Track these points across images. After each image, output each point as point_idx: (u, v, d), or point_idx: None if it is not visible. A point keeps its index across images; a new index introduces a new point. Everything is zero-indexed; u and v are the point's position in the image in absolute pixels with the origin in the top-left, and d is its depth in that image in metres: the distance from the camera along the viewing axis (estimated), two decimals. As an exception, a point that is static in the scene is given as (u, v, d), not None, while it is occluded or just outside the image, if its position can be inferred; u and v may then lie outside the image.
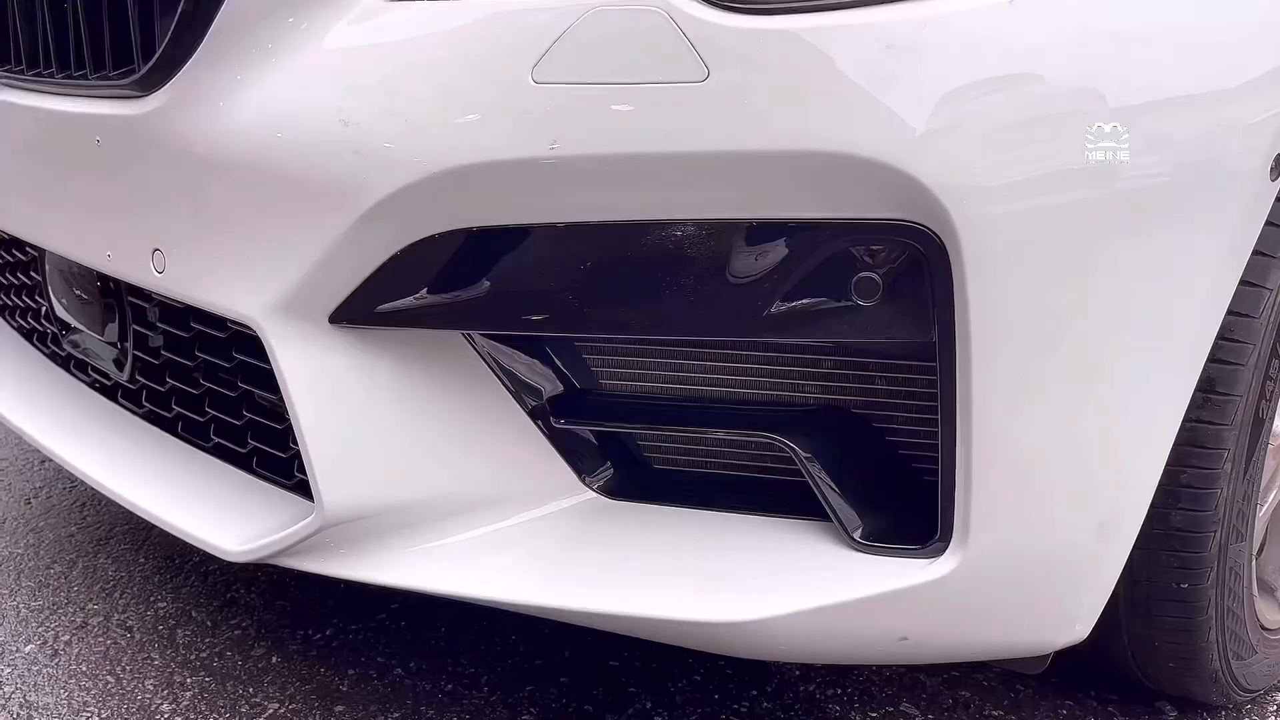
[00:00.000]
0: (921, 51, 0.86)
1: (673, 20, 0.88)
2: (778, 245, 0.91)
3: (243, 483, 1.28)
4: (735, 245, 0.92)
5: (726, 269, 0.92)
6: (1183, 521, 1.09)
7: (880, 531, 1.01)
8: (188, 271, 1.10)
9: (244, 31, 1.01)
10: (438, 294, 1.00)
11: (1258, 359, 1.06)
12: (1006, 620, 1.04)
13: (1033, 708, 1.37)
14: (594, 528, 1.10)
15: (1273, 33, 0.95)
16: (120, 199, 1.15)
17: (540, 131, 0.91)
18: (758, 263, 0.92)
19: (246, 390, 1.24)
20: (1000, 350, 0.90)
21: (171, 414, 1.36)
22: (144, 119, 1.09)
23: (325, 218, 0.99)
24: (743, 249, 0.92)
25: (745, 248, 0.92)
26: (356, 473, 1.06)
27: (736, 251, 0.92)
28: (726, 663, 1.42)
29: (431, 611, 1.51)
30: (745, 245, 0.92)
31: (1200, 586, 1.13)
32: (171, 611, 1.53)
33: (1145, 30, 0.89)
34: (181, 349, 1.29)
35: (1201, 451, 1.06)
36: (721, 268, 0.93)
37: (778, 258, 0.92)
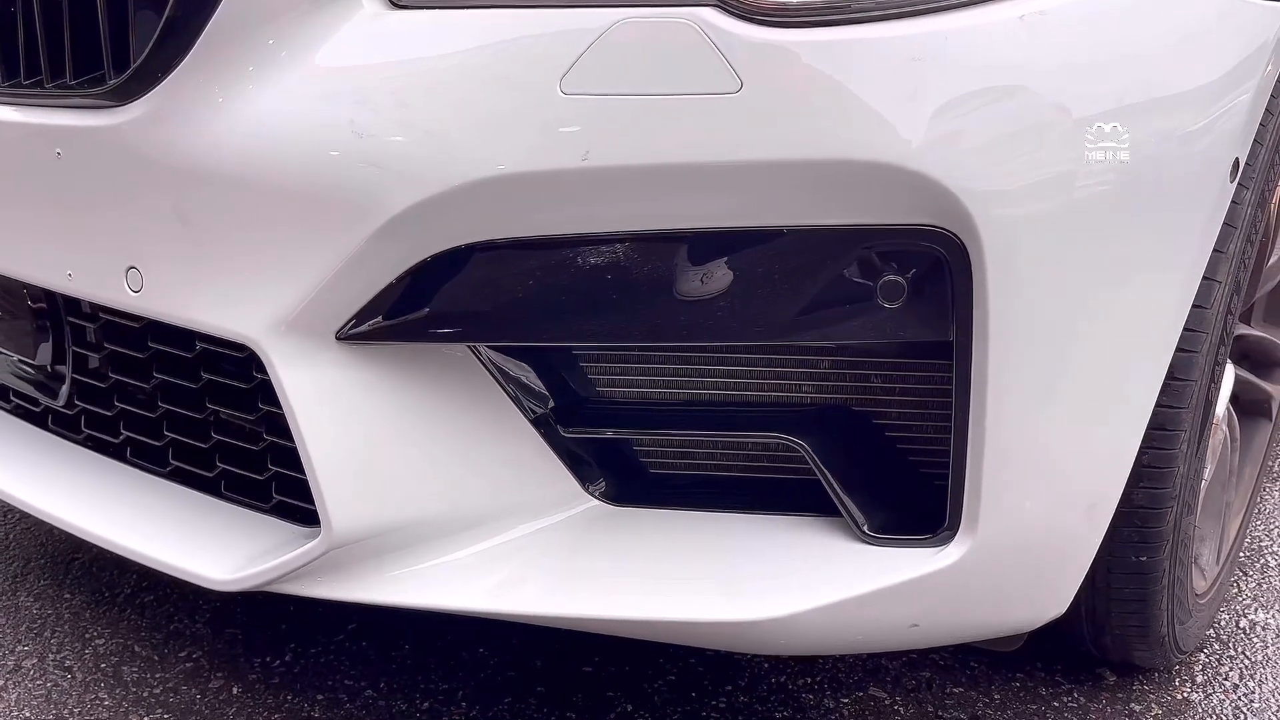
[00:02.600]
0: (943, 62, 0.90)
1: (704, 33, 0.89)
2: (806, 252, 0.94)
3: (207, 507, 1.23)
4: (764, 253, 0.94)
5: (756, 276, 0.95)
6: (1144, 499, 1.17)
7: (888, 524, 1.05)
8: (171, 290, 1.05)
9: (241, 37, 0.97)
10: (454, 308, 0.98)
11: (1209, 347, 1.15)
12: (1003, 601, 1.10)
13: (988, 682, 1.44)
14: (602, 535, 1.10)
15: (1227, 45, 1.04)
16: (86, 215, 1.08)
17: (572, 143, 0.91)
18: (787, 269, 0.94)
19: (214, 411, 1.19)
20: (1015, 346, 0.95)
21: (119, 439, 1.30)
22: (119, 130, 1.03)
23: (337, 232, 0.96)
24: (772, 256, 0.94)
25: (774, 255, 0.94)
26: (364, 491, 1.04)
27: (765, 259, 0.94)
28: (697, 660, 1.45)
29: (392, 628, 1.48)
30: (775, 253, 0.94)
31: (1157, 559, 1.22)
32: (111, 648, 1.45)
33: (1137, 41, 0.96)
34: (135, 370, 1.23)
35: (1163, 433, 1.14)
36: (751, 275, 0.95)
37: (806, 264, 0.94)
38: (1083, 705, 1.40)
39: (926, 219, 0.92)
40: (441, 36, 0.94)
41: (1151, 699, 1.42)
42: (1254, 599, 1.66)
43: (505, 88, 0.92)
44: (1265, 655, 1.51)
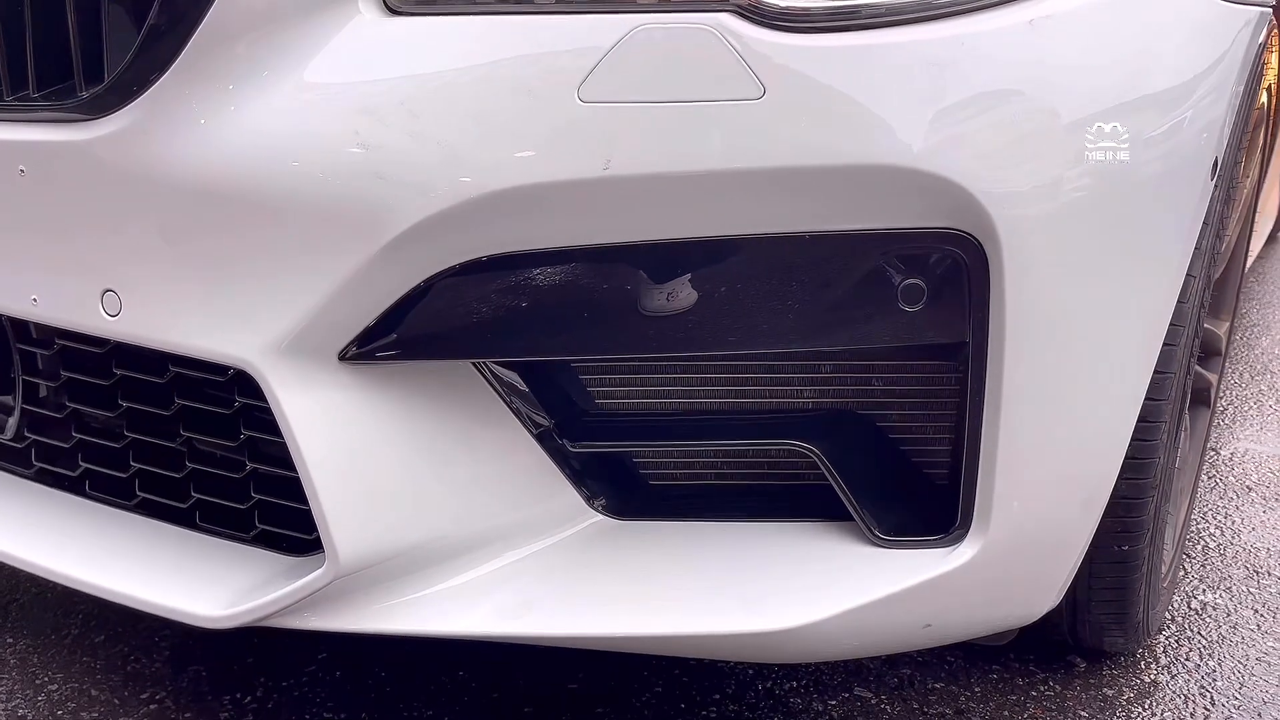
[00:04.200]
0: (959, 66, 0.90)
1: (724, 39, 0.88)
2: (828, 257, 0.94)
3: (180, 541, 1.17)
4: (787, 260, 0.94)
5: (778, 283, 0.94)
6: (1128, 490, 1.20)
7: (900, 526, 1.06)
8: (155, 314, 0.99)
9: (231, 45, 0.92)
10: (468, 324, 0.95)
11: (1186, 339, 1.19)
12: (1008, 597, 1.12)
13: (966, 676, 1.46)
14: (611, 550, 1.08)
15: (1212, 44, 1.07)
16: (55, 236, 1.02)
17: (592, 151, 0.89)
18: (808, 275, 0.94)
19: (189, 439, 1.13)
20: (1030, 345, 0.96)
21: (77, 472, 1.22)
22: (94, 145, 0.97)
23: (342, 248, 0.92)
24: (793, 263, 0.94)
25: (797, 262, 0.94)
26: (371, 517, 1.00)
27: (788, 265, 0.94)
28: (681, 671, 1.44)
29: (364, 655, 1.43)
30: (796, 259, 0.94)
31: (1138, 547, 1.25)
32: (66, 693, 1.36)
33: (1136, 42, 0.98)
34: (98, 398, 1.16)
35: (1146, 425, 1.17)
36: (773, 282, 0.94)
37: (827, 270, 0.94)
38: (1059, 693, 1.43)
39: (946, 222, 0.92)
40: (449, 44, 0.91)
41: (1122, 683, 1.46)
42: (1200, 580, 1.72)
43: (521, 96, 0.89)
44: (1220, 634, 1.57)
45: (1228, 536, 1.88)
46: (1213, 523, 1.93)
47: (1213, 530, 1.90)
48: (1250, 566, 1.78)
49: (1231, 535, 1.89)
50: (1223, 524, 1.93)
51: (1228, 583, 1.72)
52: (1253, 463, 2.20)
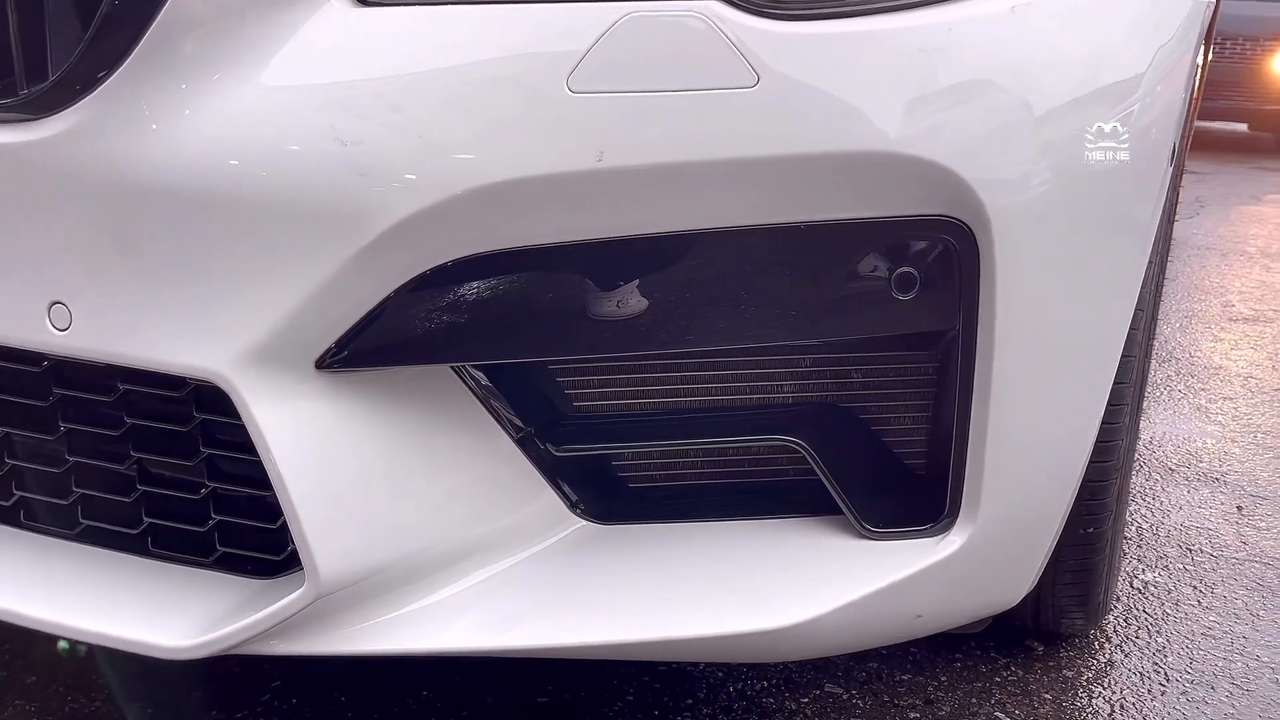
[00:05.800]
0: (948, 53, 0.90)
1: (716, 27, 0.86)
2: (821, 247, 0.93)
3: (128, 568, 1.10)
4: (781, 250, 0.92)
5: (772, 274, 0.92)
6: (1094, 473, 1.22)
7: (888, 517, 1.05)
8: (110, 326, 0.92)
9: (192, 37, 0.87)
10: (455, 325, 0.91)
11: (1145, 323, 1.21)
12: (990, 583, 1.12)
13: (932, 666, 1.47)
14: (597, 556, 1.05)
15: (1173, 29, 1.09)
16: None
17: (584, 143, 0.86)
18: (802, 265, 0.93)
19: (138, 459, 1.07)
20: (1018, 332, 0.97)
21: (10, 501, 1.14)
22: (36, 147, 0.90)
23: (319, 250, 0.87)
24: (788, 253, 0.92)
25: (790, 252, 0.92)
26: (351, 533, 0.95)
27: (782, 256, 0.92)
28: (651, 677, 1.41)
29: (319, 680, 1.37)
30: (791, 249, 0.92)
31: (1102, 529, 1.28)
32: (-1, 739, 1.27)
33: (1111, 30, 0.99)
34: (32, 420, 1.08)
35: (1112, 408, 1.19)
36: (768, 273, 0.92)
37: (821, 259, 0.93)
38: (1021, 678, 1.45)
39: (939, 209, 0.92)
40: (430, 35, 0.87)
41: (1080, 664, 1.48)
42: (1139, 560, 1.77)
43: (507, 87, 0.86)
44: (1164, 612, 1.61)
45: (1158, 517, 1.94)
46: (1143, 505, 1.98)
47: (1144, 512, 1.95)
48: (1183, 545, 1.83)
49: (1162, 515, 1.94)
50: (1152, 505, 1.98)
51: (1165, 561, 1.77)
52: (1172, 445, 2.28)
